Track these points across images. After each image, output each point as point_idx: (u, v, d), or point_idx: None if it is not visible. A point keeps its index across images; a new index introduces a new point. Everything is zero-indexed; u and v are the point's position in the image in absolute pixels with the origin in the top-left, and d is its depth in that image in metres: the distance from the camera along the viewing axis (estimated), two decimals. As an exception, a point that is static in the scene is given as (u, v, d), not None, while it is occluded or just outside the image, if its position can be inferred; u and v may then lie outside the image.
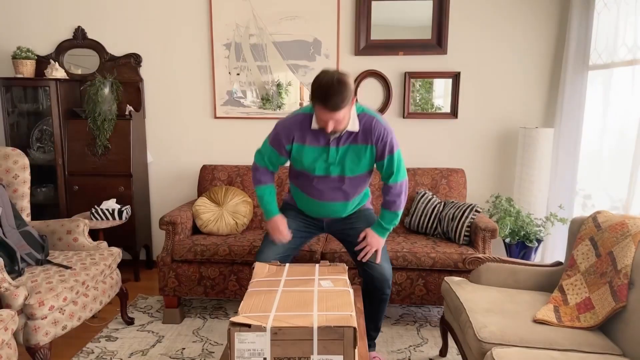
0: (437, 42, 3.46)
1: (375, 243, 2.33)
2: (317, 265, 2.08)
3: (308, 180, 2.31)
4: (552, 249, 3.38)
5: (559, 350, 1.82)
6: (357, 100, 2.19)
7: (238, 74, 3.60)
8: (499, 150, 3.60)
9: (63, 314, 2.29)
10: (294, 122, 2.24)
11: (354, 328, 1.48)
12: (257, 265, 2.05)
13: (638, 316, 1.82)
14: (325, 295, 1.75)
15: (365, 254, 2.32)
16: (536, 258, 3.32)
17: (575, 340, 1.87)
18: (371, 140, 2.21)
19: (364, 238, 2.34)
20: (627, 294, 1.89)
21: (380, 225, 2.35)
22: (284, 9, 3.49)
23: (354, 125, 2.18)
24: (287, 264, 2.09)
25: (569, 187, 3.28)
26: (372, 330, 2.50)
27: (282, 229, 2.34)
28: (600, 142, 3.02)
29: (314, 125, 2.19)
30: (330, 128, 2.08)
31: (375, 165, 2.33)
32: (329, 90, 1.98)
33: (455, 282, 2.43)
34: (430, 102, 3.56)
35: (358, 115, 2.20)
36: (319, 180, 2.29)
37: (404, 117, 3.57)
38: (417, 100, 3.55)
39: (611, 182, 2.94)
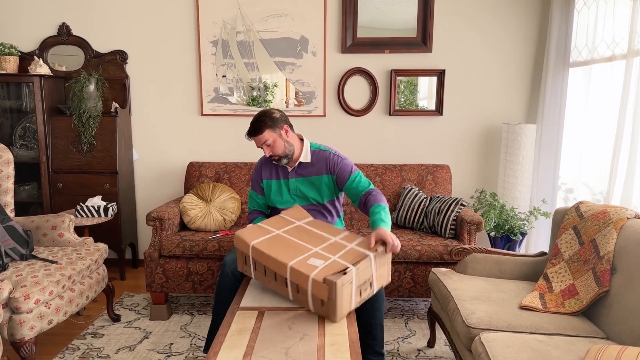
0: (423, 40, 3.51)
1: (388, 234, 2.00)
2: (347, 232, 2.10)
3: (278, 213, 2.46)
4: (536, 243, 3.45)
5: (545, 334, 1.86)
6: (290, 129, 2.40)
7: (224, 76, 3.61)
8: (483, 146, 3.66)
9: (49, 308, 2.26)
10: (260, 163, 2.56)
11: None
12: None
13: (620, 300, 1.88)
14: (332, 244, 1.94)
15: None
16: (520, 251, 3.38)
17: (560, 324, 1.92)
18: (327, 170, 2.43)
19: (377, 241, 2.01)
20: (609, 279, 1.95)
21: (382, 219, 2.11)
22: (271, 7, 3.51)
23: (306, 157, 2.45)
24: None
25: (552, 182, 3.35)
26: (372, 338, 2.26)
27: None
28: (581, 137, 3.10)
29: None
30: (267, 153, 2.37)
31: (345, 192, 2.44)
32: (252, 122, 2.35)
33: (442, 273, 2.47)
34: (415, 103, 3.61)
35: (312, 151, 2.47)
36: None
37: (390, 115, 3.61)
38: (402, 102, 3.60)
39: (592, 176, 3.01)
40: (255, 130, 2.33)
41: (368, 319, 2.27)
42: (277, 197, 2.48)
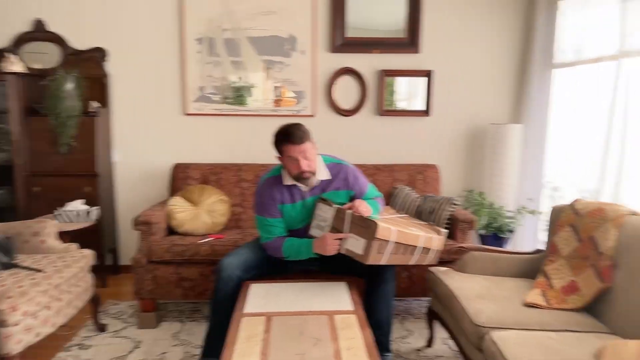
0: (411, 41, 3.52)
1: (363, 206, 2.22)
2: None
3: (297, 235, 2.37)
4: (522, 240, 3.51)
5: (553, 331, 1.88)
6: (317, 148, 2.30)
7: (210, 75, 3.51)
8: (470, 146, 3.70)
9: (36, 319, 2.13)
10: (269, 185, 2.32)
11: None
12: None
13: (623, 296, 1.92)
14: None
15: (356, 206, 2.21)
16: (508, 248, 3.43)
17: (566, 321, 1.94)
18: (345, 186, 2.35)
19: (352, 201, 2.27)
20: (611, 275, 1.98)
21: (368, 200, 2.34)
22: (258, 4, 3.44)
23: (325, 174, 2.32)
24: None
25: (537, 180, 3.42)
26: (382, 334, 2.29)
27: (329, 238, 2.17)
28: (567, 137, 3.17)
29: (286, 181, 2.29)
30: (303, 166, 2.17)
31: None
32: (289, 129, 2.18)
33: (442, 272, 2.47)
34: (394, 104, 3.60)
35: (327, 165, 2.35)
36: (306, 232, 2.35)
37: (379, 115, 3.60)
38: (385, 102, 3.60)
39: (579, 174, 3.09)
40: (301, 138, 2.15)
41: (381, 316, 2.27)
42: (292, 220, 2.34)
